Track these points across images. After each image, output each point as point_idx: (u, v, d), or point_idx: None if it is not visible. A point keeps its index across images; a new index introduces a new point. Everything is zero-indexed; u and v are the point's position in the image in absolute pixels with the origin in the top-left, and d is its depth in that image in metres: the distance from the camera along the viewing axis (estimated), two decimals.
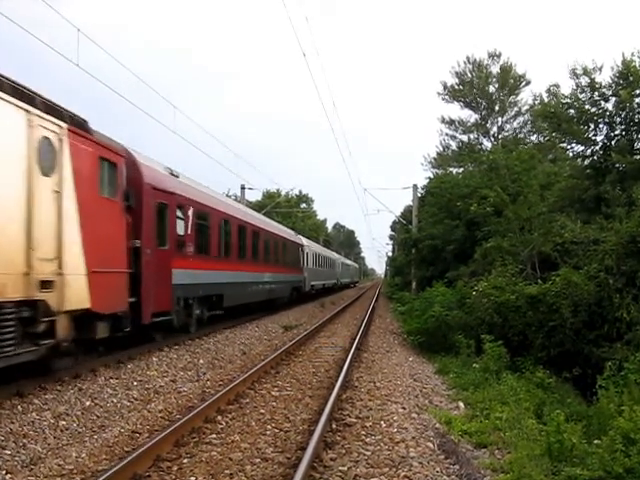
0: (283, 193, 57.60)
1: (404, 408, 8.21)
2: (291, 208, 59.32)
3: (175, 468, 5.60)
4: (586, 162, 18.62)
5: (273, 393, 9.10)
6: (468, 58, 43.57)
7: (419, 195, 36.98)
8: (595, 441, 6.62)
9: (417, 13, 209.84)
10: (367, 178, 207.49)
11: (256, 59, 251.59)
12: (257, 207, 42.15)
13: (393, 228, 78.87)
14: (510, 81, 43.18)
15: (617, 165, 16.80)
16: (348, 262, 78.63)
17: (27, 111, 7.79)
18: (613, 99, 17.17)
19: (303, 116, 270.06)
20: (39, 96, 8.30)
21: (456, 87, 44.24)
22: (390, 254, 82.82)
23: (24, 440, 6.39)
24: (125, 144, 11.87)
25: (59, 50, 11.80)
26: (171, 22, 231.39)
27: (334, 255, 54.94)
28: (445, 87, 44.52)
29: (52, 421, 7.12)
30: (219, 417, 7.47)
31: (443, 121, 46.47)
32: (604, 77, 17.43)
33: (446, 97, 44.77)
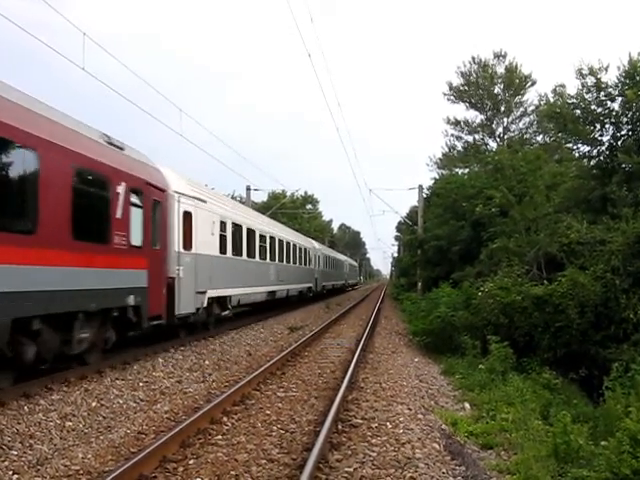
0: (288, 194, 57.46)
1: (410, 409, 8.20)
2: (297, 209, 59.29)
3: (181, 469, 5.61)
4: (592, 162, 18.52)
5: (279, 394, 9.09)
6: (473, 58, 43.53)
7: (425, 196, 36.96)
8: (602, 442, 6.61)
9: (421, 12, 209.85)
10: (370, 178, 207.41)
11: (257, 59, 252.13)
12: (263, 208, 42.08)
13: (399, 229, 78.82)
14: (516, 81, 43.03)
15: (623, 165, 16.71)
16: (339, 256, 56.43)
17: None
18: (619, 99, 17.08)
19: (304, 116, 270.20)
20: None
21: (461, 88, 44.17)
22: (396, 255, 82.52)
23: (31, 441, 6.41)
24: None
25: (66, 53, 11.83)
26: (173, 22, 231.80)
27: (310, 243, 36.14)
28: (451, 87, 44.49)
29: (58, 422, 7.14)
30: (225, 418, 7.47)
31: (448, 122, 46.37)
32: (610, 77, 17.33)
33: (452, 97, 44.75)
